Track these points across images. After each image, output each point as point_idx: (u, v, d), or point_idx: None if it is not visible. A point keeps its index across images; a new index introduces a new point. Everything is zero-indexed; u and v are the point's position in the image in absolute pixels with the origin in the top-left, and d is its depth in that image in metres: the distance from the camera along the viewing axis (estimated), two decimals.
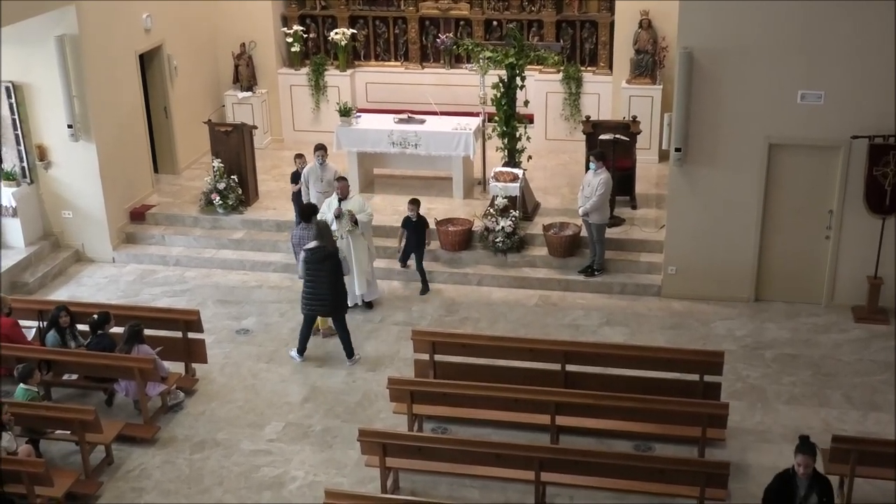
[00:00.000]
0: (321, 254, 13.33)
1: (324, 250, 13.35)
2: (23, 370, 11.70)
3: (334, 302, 13.58)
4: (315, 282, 13.41)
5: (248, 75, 19.75)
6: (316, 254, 13.33)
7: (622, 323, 14.59)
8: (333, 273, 13.44)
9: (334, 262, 13.44)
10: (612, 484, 10.63)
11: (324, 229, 13.57)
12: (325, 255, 13.33)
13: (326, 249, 13.38)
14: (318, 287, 13.41)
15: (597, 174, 14.99)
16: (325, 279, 13.36)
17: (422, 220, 15.43)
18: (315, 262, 13.33)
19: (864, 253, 14.23)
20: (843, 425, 12.12)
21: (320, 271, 13.34)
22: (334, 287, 13.48)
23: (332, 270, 13.42)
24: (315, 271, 13.36)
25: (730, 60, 13.77)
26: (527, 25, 19.07)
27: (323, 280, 13.36)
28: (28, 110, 16.24)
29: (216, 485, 11.49)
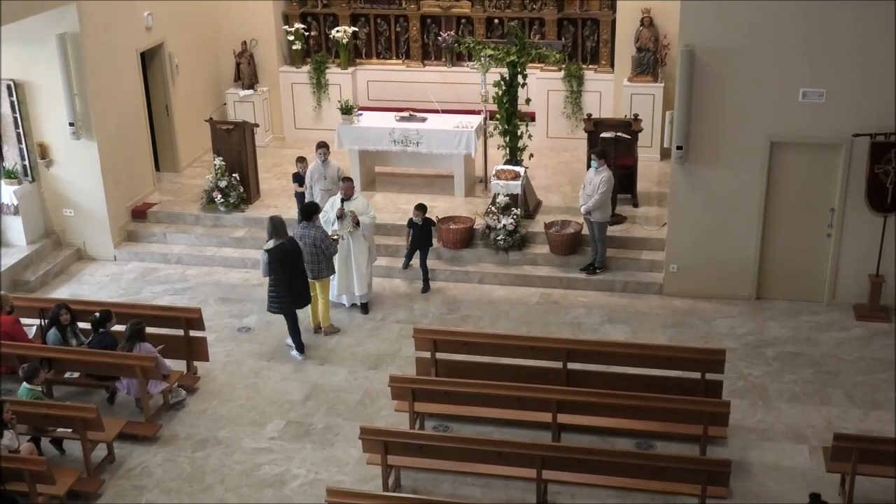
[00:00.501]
0: (281, 250, 13.44)
1: (283, 247, 13.47)
2: (28, 370, 11.68)
3: (299, 294, 13.76)
4: (280, 279, 13.53)
5: (249, 73, 19.74)
6: (276, 252, 13.43)
7: (624, 321, 14.59)
8: (296, 268, 13.62)
9: (295, 256, 13.58)
10: (614, 482, 10.63)
11: (278, 226, 13.62)
12: (284, 252, 13.44)
13: (285, 246, 13.49)
14: (284, 284, 13.54)
15: (598, 172, 14.99)
16: (288, 276, 13.52)
17: (427, 223, 15.45)
18: (277, 259, 13.43)
19: (866, 251, 14.23)
20: (844, 423, 12.12)
21: (284, 268, 13.47)
22: (297, 281, 13.67)
23: (294, 266, 13.58)
24: (279, 269, 13.47)
25: (731, 58, 13.76)
26: (528, 23, 19.06)
27: (287, 277, 13.51)
28: (29, 108, 16.25)
29: (217, 483, 11.50)
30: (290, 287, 13.61)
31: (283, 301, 13.66)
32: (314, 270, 14.01)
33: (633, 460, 10.48)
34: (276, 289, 13.62)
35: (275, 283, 13.59)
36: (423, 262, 15.52)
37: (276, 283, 13.59)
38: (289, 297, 13.65)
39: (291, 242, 13.61)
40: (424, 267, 15.54)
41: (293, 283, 13.62)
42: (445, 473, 11.26)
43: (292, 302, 13.73)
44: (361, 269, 14.65)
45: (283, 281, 13.54)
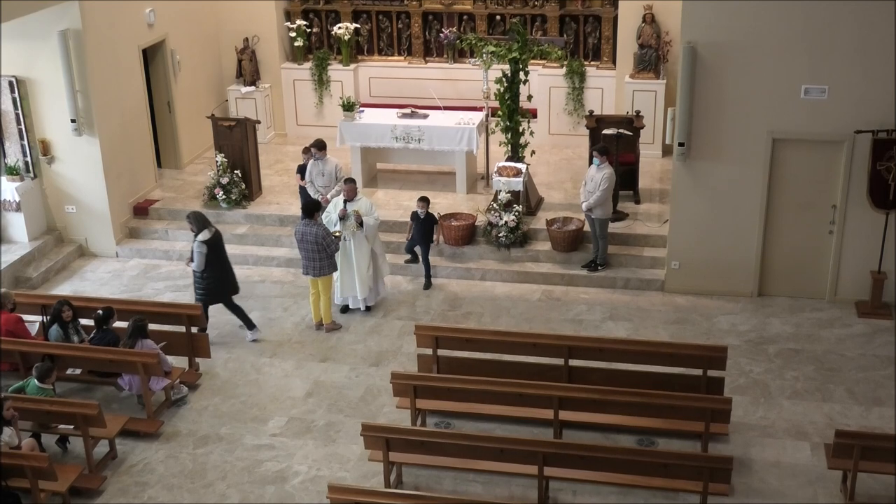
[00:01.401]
0: (215, 240, 13.78)
1: (217, 236, 13.87)
2: (42, 369, 11.65)
3: (232, 282, 14.21)
4: (214, 269, 13.83)
5: (251, 70, 19.75)
6: (212, 241, 13.73)
7: (625, 318, 14.59)
8: (225, 257, 14.15)
9: (222, 245, 14.11)
10: (616, 478, 10.63)
11: (202, 218, 13.96)
12: (217, 241, 13.83)
13: (217, 235, 13.89)
14: (218, 273, 13.90)
15: (600, 169, 14.99)
16: (221, 265, 13.94)
17: (429, 217, 15.43)
18: (212, 249, 13.74)
19: (868, 248, 14.22)
20: (846, 420, 12.12)
21: (218, 258, 13.83)
22: (229, 270, 14.20)
23: (224, 255, 14.12)
24: (213, 259, 13.77)
25: (733, 55, 13.75)
26: (530, 20, 19.06)
27: (220, 266, 13.91)
28: (31, 105, 16.25)
29: (219, 479, 11.51)
30: (225, 276, 14.03)
31: (220, 291, 14.00)
32: (315, 267, 14.03)
33: (634, 457, 10.48)
34: (210, 280, 13.87)
35: (209, 274, 13.83)
36: (425, 258, 15.52)
37: (210, 274, 13.83)
38: (224, 285, 14.04)
39: (217, 233, 14.02)
40: (426, 263, 15.54)
41: (226, 272, 14.05)
42: (447, 470, 11.27)
43: (229, 290, 14.12)
44: (362, 273, 14.63)
45: (217, 270, 13.90)
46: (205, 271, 13.80)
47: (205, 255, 13.69)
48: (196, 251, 13.74)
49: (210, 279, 13.85)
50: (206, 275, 13.82)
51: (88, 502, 11.19)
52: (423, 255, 15.53)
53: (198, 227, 13.81)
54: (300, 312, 14.89)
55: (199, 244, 13.70)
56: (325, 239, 13.88)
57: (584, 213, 15.35)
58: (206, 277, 13.84)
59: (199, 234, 13.73)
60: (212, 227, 13.91)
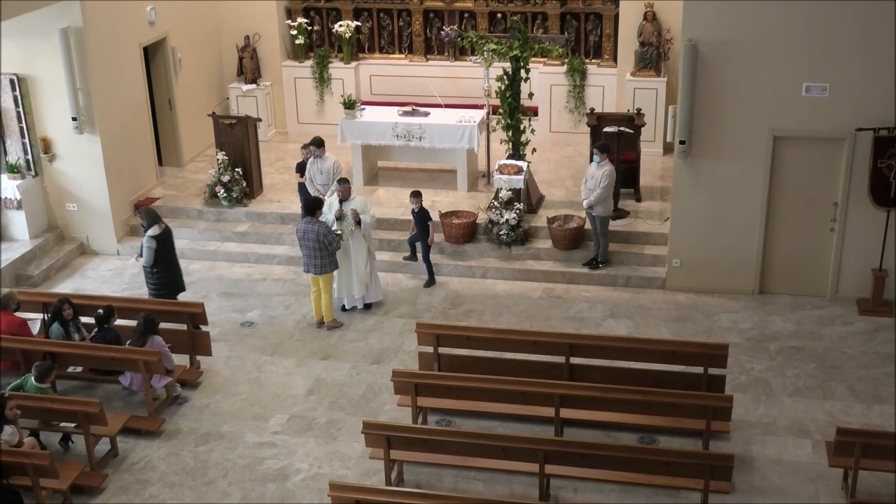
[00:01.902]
0: (165, 235, 13.90)
1: (167, 231, 13.98)
2: (41, 368, 11.65)
3: (180, 279, 14.34)
4: (164, 265, 13.95)
5: (252, 68, 19.75)
6: (162, 237, 13.84)
7: (626, 315, 14.58)
8: (174, 253, 14.27)
9: (172, 241, 14.20)
10: (617, 476, 10.63)
11: (154, 213, 14.07)
12: (167, 237, 13.95)
13: (166, 230, 13.97)
14: (168, 269, 14.02)
15: (600, 166, 14.98)
16: (171, 261, 14.07)
17: (422, 212, 15.44)
18: (162, 245, 13.85)
19: (869, 245, 14.22)
20: (847, 418, 12.12)
21: (168, 253, 13.96)
22: (178, 266, 14.32)
23: (174, 250, 14.27)
24: (163, 254, 13.88)
25: (734, 53, 13.74)
26: (531, 18, 19.06)
27: (170, 262, 14.04)
28: (32, 103, 16.25)
29: (220, 477, 11.51)
30: (174, 272, 14.16)
31: (171, 286, 14.12)
32: (317, 265, 14.04)
33: (635, 455, 10.47)
34: (161, 275, 13.99)
35: (160, 270, 13.95)
36: (425, 256, 15.52)
37: (161, 270, 13.95)
38: (174, 282, 14.17)
39: (168, 229, 14.14)
40: (426, 261, 15.53)
41: (175, 268, 14.18)
42: (448, 468, 11.27)
43: (178, 286, 14.26)
44: (360, 271, 14.63)
45: (168, 266, 14.03)
46: (154, 266, 13.93)
47: (154, 251, 13.81)
48: (146, 246, 13.88)
49: (161, 274, 13.99)
50: (155, 270, 13.96)
51: (90, 500, 11.20)
52: (423, 253, 15.53)
53: (148, 223, 13.94)
54: (301, 310, 14.89)
55: (148, 239, 13.84)
56: (326, 237, 13.88)
57: (584, 210, 15.35)
58: (157, 273, 13.98)
59: (149, 230, 13.87)
60: (162, 222, 14.05)
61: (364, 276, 14.69)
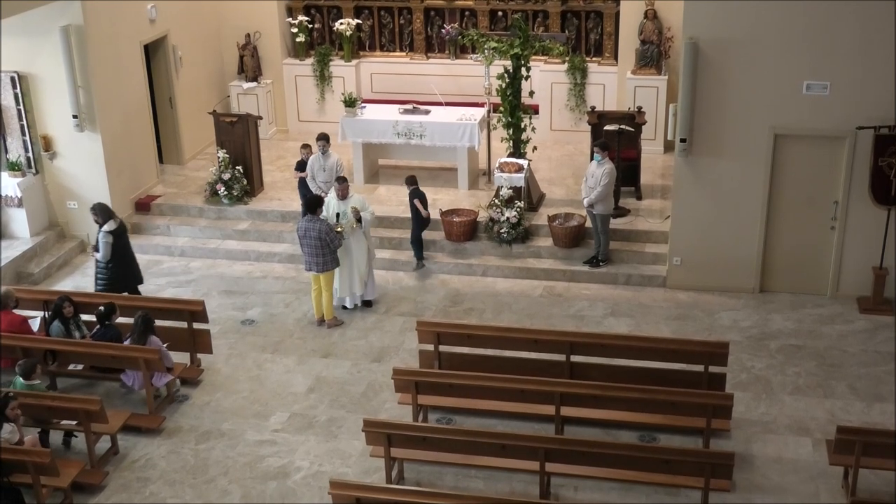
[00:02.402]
0: (120, 230, 14.11)
1: (122, 226, 14.20)
2: (25, 366, 11.66)
3: (136, 273, 14.58)
4: (118, 260, 14.11)
5: (253, 66, 19.75)
6: (117, 232, 14.05)
7: (627, 314, 14.58)
8: (130, 248, 14.55)
9: (127, 236, 14.48)
10: (617, 474, 10.64)
11: (105, 209, 14.20)
12: (123, 232, 14.17)
13: (121, 225, 14.17)
14: (122, 264, 14.20)
15: (600, 165, 14.98)
16: (126, 255, 14.26)
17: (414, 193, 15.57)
18: (117, 239, 14.04)
19: (870, 244, 14.22)
20: (847, 416, 12.12)
21: (122, 248, 14.16)
22: (133, 261, 14.56)
23: (129, 245, 14.53)
24: (118, 249, 14.06)
25: (735, 51, 13.74)
26: (532, 16, 19.05)
27: (124, 257, 14.23)
28: (33, 100, 16.26)
29: (221, 475, 11.52)
30: (129, 267, 14.36)
31: (125, 281, 14.31)
32: (318, 263, 14.04)
33: (636, 453, 10.47)
34: (114, 270, 14.17)
35: (113, 265, 14.11)
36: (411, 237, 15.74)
37: (115, 265, 14.12)
38: (129, 276, 14.37)
39: (123, 224, 14.34)
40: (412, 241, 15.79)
41: (131, 263, 14.38)
42: (449, 466, 11.27)
43: (136, 279, 14.49)
44: (361, 269, 14.63)
45: (123, 261, 14.20)
46: (110, 262, 14.09)
47: (111, 245, 13.97)
48: (102, 241, 14.04)
49: (115, 269, 14.16)
50: (110, 265, 14.13)
51: (90, 498, 11.20)
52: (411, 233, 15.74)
53: (103, 219, 14.10)
54: (302, 308, 14.90)
55: (104, 234, 14.01)
56: (328, 234, 13.88)
57: (585, 209, 15.35)
58: (111, 268, 14.15)
59: (105, 225, 14.04)
60: (116, 218, 14.23)
61: (365, 274, 14.70)
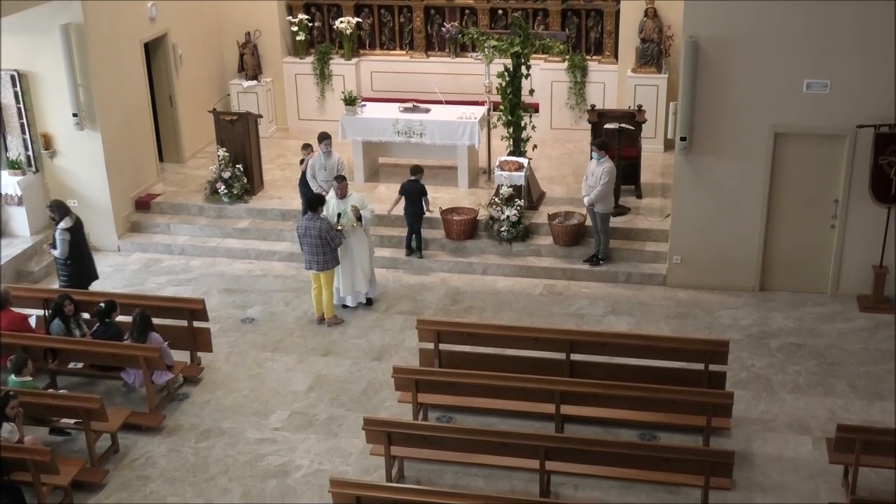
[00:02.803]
0: (78, 227, 14.24)
1: (79, 223, 14.31)
2: (15, 362, 11.67)
3: (92, 270, 14.73)
4: (76, 256, 14.21)
5: (253, 64, 19.75)
6: (75, 228, 14.19)
7: (627, 312, 14.58)
8: (87, 244, 14.72)
9: (83, 232, 14.61)
10: (617, 473, 10.64)
11: (61, 206, 14.35)
12: (79, 228, 14.27)
13: (77, 221, 14.27)
14: (80, 260, 14.33)
15: (600, 163, 14.97)
16: (83, 251, 14.36)
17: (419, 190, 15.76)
18: (75, 236, 14.18)
19: (870, 242, 14.21)
20: (847, 414, 12.12)
21: (80, 245, 14.28)
22: (90, 257, 14.69)
23: (86, 241, 14.71)
24: (75, 245, 14.17)
25: (735, 49, 13.73)
26: (532, 14, 19.04)
27: (82, 252, 14.33)
28: (33, 99, 16.26)
29: (221, 473, 11.52)
30: (86, 262, 14.46)
31: (84, 276, 14.41)
32: (318, 262, 14.04)
33: (636, 451, 10.47)
34: (73, 266, 14.30)
35: (72, 261, 14.24)
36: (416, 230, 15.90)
37: (73, 261, 14.24)
38: (86, 272, 14.47)
39: (79, 220, 14.43)
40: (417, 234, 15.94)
41: (87, 259, 14.49)
42: (449, 464, 11.27)
43: (91, 276, 14.56)
44: (364, 266, 14.64)
45: (80, 257, 14.31)
46: (68, 258, 14.21)
47: (68, 242, 14.10)
48: (59, 238, 14.16)
49: (72, 265, 14.28)
50: (69, 261, 14.25)
51: (90, 496, 11.20)
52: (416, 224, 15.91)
53: (59, 215, 14.23)
54: (302, 307, 14.89)
55: (61, 231, 14.13)
56: (328, 233, 13.88)
57: (586, 207, 15.34)
58: (70, 264, 14.27)
59: (62, 222, 14.16)
60: (73, 214, 14.35)
61: (368, 272, 14.70)
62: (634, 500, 10.87)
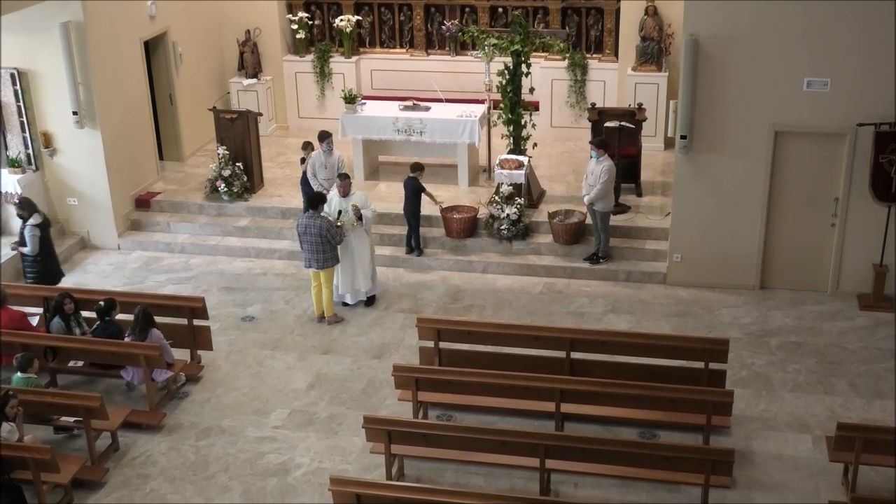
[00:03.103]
0: (46, 224, 14.56)
1: (47, 220, 14.51)
2: (21, 360, 11.69)
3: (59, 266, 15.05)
4: (44, 252, 14.48)
5: (253, 62, 19.74)
6: (44, 225, 14.38)
7: (627, 310, 14.58)
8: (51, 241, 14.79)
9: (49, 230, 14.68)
10: (617, 471, 10.64)
11: (30, 203, 14.56)
12: (48, 225, 14.50)
13: (45, 218, 14.47)
14: (47, 256, 14.51)
15: (599, 162, 14.97)
16: (51, 248, 14.68)
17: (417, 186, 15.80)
18: (44, 231, 14.35)
19: (870, 241, 14.21)
20: (847, 413, 12.12)
21: (48, 241, 14.51)
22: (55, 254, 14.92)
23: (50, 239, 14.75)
24: (46, 242, 14.51)
25: (736, 47, 13.73)
26: (532, 12, 19.03)
27: (49, 249, 14.64)
28: (33, 97, 16.25)
29: (221, 471, 11.52)
30: (53, 260, 14.67)
31: (52, 274, 14.58)
32: (318, 260, 14.04)
33: (636, 450, 10.48)
34: (42, 263, 14.47)
35: (41, 258, 14.42)
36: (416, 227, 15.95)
37: (42, 258, 14.43)
38: (54, 269, 14.67)
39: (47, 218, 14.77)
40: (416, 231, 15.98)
41: (54, 257, 14.67)
42: (449, 462, 11.28)
43: (58, 274, 14.78)
44: (364, 265, 14.64)
45: (48, 255, 14.48)
46: (38, 255, 14.34)
47: (38, 238, 14.23)
48: (29, 235, 14.30)
49: (42, 262, 14.42)
50: (39, 258, 14.39)
51: (91, 494, 11.21)
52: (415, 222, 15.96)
53: (28, 212, 14.35)
54: (302, 305, 14.90)
55: (31, 228, 14.30)
56: (328, 231, 13.88)
57: (586, 206, 15.34)
58: (40, 261, 14.41)
59: (30, 219, 14.31)
60: (41, 212, 14.52)
61: (368, 270, 14.70)
62: (634, 499, 10.88)
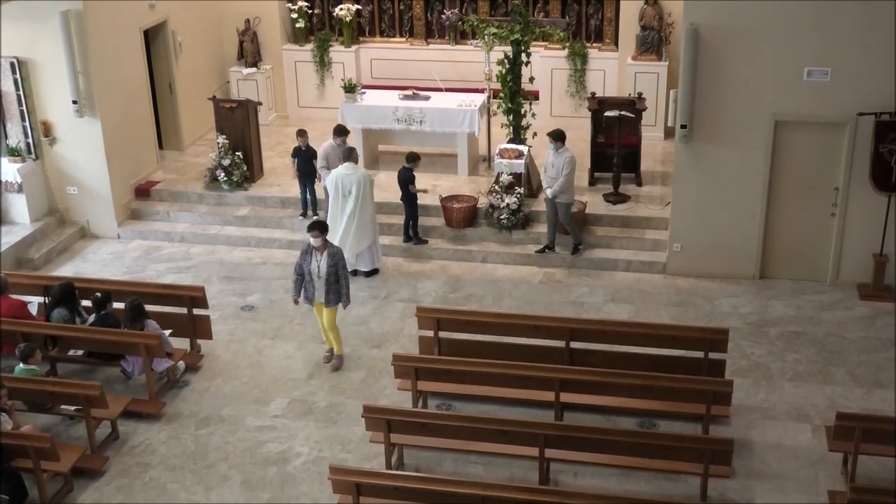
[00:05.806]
0: None
1: None
2: (24, 350, 11.69)
3: None
4: None
5: (252, 51, 19.71)
6: None
7: (627, 300, 14.58)
8: None
9: None
10: (617, 460, 10.65)
11: None
12: None
13: None
14: None
15: (559, 154, 14.93)
16: None
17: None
18: None
19: (870, 230, 14.21)
20: (847, 402, 12.13)
21: None
22: None
23: None
24: None
25: (736, 37, 13.71)
26: (532, 1, 19.00)
27: None
28: (33, 86, 16.23)
29: (221, 460, 11.54)
30: None
31: None
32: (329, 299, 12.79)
33: (635, 439, 10.49)
34: None
35: None
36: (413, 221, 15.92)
37: None
38: None
39: None
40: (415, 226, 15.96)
41: None
42: (448, 452, 11.29)
43: None
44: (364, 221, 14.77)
45: None
46: None
47: None
48: None
49: None
50: None
51: (91, 483, 11.22)
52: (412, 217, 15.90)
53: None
54: None
55: None
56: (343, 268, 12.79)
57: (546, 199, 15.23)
58: None
59: None
60: None
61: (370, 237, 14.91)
62: (634, 488, 10.89)
